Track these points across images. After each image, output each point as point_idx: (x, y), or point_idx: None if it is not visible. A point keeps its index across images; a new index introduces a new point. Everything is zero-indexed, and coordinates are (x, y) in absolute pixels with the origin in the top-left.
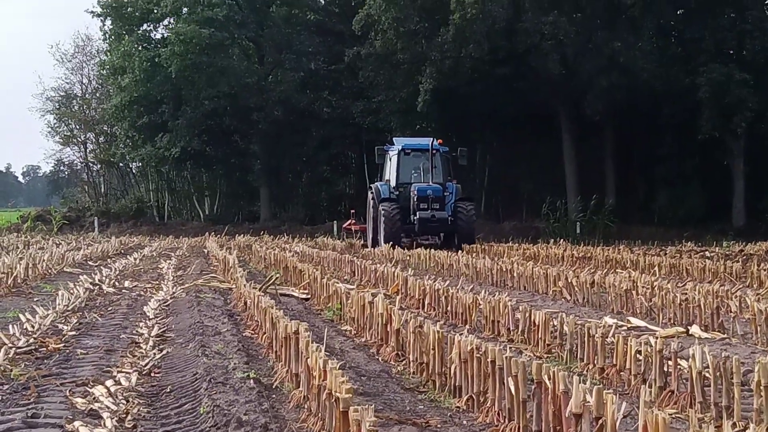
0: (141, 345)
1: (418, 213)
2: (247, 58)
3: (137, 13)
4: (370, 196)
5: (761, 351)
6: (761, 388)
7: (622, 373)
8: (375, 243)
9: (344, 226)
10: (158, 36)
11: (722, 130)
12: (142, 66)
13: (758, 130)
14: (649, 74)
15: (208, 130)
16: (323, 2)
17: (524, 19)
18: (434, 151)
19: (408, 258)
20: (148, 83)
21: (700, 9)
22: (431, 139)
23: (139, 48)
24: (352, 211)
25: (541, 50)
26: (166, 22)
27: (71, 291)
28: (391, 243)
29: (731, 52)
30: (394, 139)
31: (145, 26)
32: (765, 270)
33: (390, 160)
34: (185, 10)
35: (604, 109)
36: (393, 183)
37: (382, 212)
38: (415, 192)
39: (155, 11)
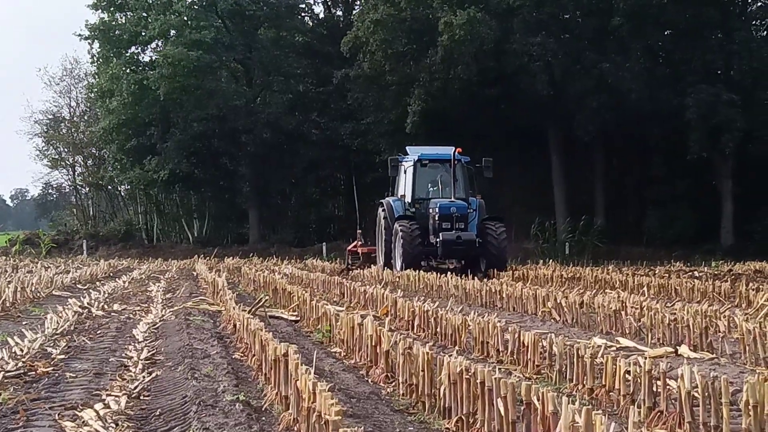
0: (130, 368)
1: (441, 234)
2: (235, 80)
3: (125, 36)
4: (381, 213)
5: (750, 371)
6: (750, 408)
7: (611, 393)
8: (389, 266)
9: (349, 248)
10: (146, 59)
11: (711, 150)
12: (131, 89)
13: (746, 151)
14: (638, 95)
15: (196, 152)
16: (311, 24)
17: (512, 41)
18: (456, 162)
19: (397, 279)
20: (137, 106)
21: (687, 30)
22: (452, 148)
23: (127, 71)
24: (359, 231)
25: (529, 71)
26: (154, 44)
27: (60, 314)
28: (408, 267)
29: (719, 72)
30: (408, 148)
31: (133, 49)
32: (753, 290)
33: (405, 172)
34: (173, 32)
35: (593, 130)
36: (408, 198)
37: (401, 232)
38: (437, 209)
39: (143, 34)
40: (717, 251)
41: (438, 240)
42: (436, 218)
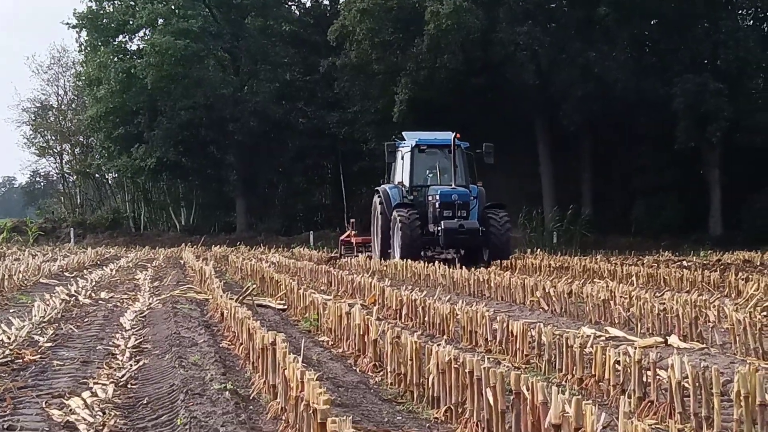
0: (117, 356)
1: (442, 222)
2: (222, 69)
3: (113, 25)
4: (376, 200)
5: (740, 361)
6: (741, 398)
7: (600, 383)
8: (385, 256)
9: (342, 238)
10: (134, 47)
11: (698, 140)
12: (118, 77)
13: (734, 140)
14: (624, 84)
15: (183, 140)
16: (298, 13)
17: (499, 30)
18: (456, 147)
19: (385, 268)
20: (124, 94)
21: (674, 19)
22: (450, 133)
23: (115, 59)
24: (352, 220)
25: (516, 61)
26: (141, 33)
27: (47, 302)
28: (408, 257)
29: (706, 62)
30: (404, 133)
31: (120, 37)
32: (743, 279)
33: (402, 158)
34: (161, 21)
35: (580, 120)
36: (406, 185)
37: (399, 220)
38: (437, 196)
39: (131, 23)
40: (705, 241)
41: (439, 229)
42: (437, 206)
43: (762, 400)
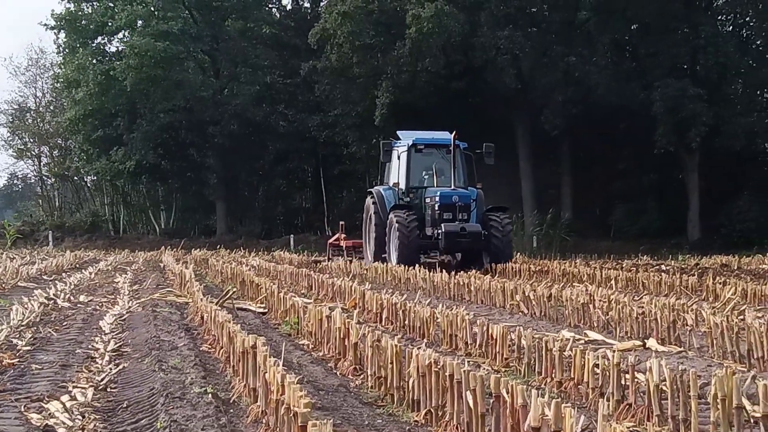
0: (97, 360)
1: (443, 225)
2: (202, 71)
3: (91, 26)
4: (369, 202)
5: (717, 364)
6: (717, 401)
7: (579, 386)
8: (379, 260)
9: (330, 241)
10: (113, 49)
11: (677, 144)
12: (97, 79)
13: (713, 145)
14: (604, 89)
15: (163, 143)
16: (279, 16)
17: (480, 34)
18: (455, 147)
19: (365, 272)
20: (103, 96)
21: (654, 24)
22: (447, 132)
23: (94, 61)
24: (342, 223)
25: (497, 65)
26: (120, 35)
27: (25, 305)
28: (405, 262)
29: (685, 67)
30: (399, 132)
31: (99, 39)
32: (720, 283)
33: (399, 158)
34: (140, 23)
35: (560, 124)
36: (402, 186)
37: (396, 223)
38: (436, 198)
39: (110, 24)
40: (684, 245)
41: (439, 232)
42: (436, 208)
43: (738, 402)
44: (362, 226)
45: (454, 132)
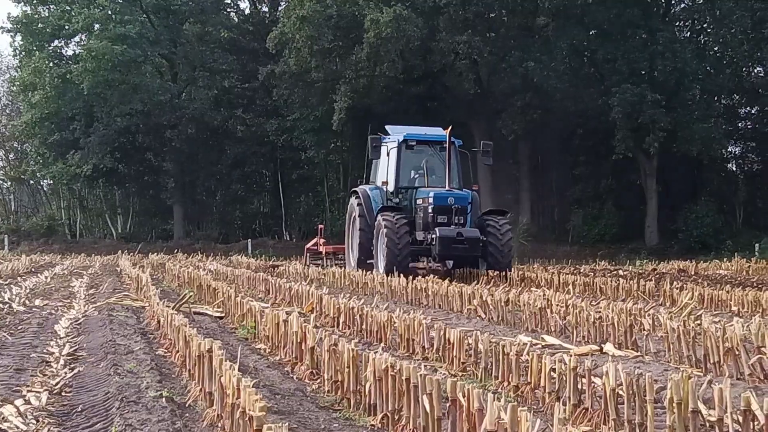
0: (52, 364)
1: (437, 229)
2: (160, 75)
3: (48, 29)
4: (354, 203)
5: (674, 368)
6: (673, 404)
7: (536, 390)
8: (364, 267)
9: (308, 246)
10: (70, 52)
11: (635, 150)
12: (53, 82)
13: (670, 150)
14: (563, 94)
15: (120, 147)
16: (237, 20)
17: (438, 39)
18: (451, 144)
19: (323, 276)
20: (60, 100)
21: (612, 30)
22: (440, 129)
23: (50, 64)
24: (320, 226)
25: (455, 69)
26: (77, 38)
27: None
28: (393, 270)
29: (643, 72)
30: (388, 127)
31: (56, 42)
32: (677, 288)
33: (388, 154)
34: (97, 26)
35: (519, 129)
36: (391, 186)
37: (384, 226)
38: (430, 199)
39: (66, 27)
40: (642, 250)
41: (433, 237)
42: (429, 210)
43: (694, 407)
44: (344, 230)
45: (450, 127)
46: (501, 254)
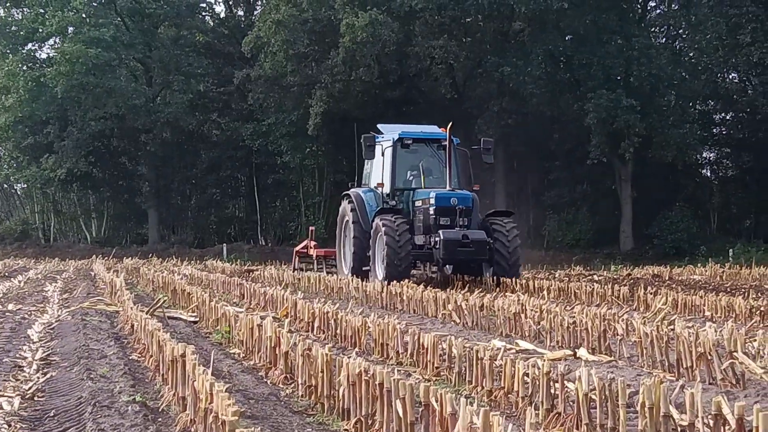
0: (24, 369)
1: (441, 232)
2: (134, 78)
3: (22, 32)
4: (346, 206)
5: (647, 373)
6: (646, 409)
7: (509, 395)
8: (359, 274)
9: (297, 249)
10: (44, 56)
11: (610, 155)
12: (27, 86)
13: (645, 156)
14: (539, 99)
15: (95, 151)
16: (212, 24)
17: (414, 43)
18: (451, 142)
19: (297, 281)
20: (33, 103)
21: (588, 35)
22: (435, 127)
23: (24, 68)
24: (311, 228)
25: (431, 74)
26: (51, 41)
27: None
28: (394, 277)
29: (619, 78)
30: (380, 126)
31: (30, 45)
32: (651, 294)
33: (383, 154)
34: (71, 29)
35: (494, 134)
36: (387, 188)
37: (384, 229)
38: (431, 200)
39: (40, 30)
40: (616, 255)
41: (436, 240)
42: (431, 212)
43: (666, 411)
44: (324, 235)
45: (450, 124)
46: (508, 260)
